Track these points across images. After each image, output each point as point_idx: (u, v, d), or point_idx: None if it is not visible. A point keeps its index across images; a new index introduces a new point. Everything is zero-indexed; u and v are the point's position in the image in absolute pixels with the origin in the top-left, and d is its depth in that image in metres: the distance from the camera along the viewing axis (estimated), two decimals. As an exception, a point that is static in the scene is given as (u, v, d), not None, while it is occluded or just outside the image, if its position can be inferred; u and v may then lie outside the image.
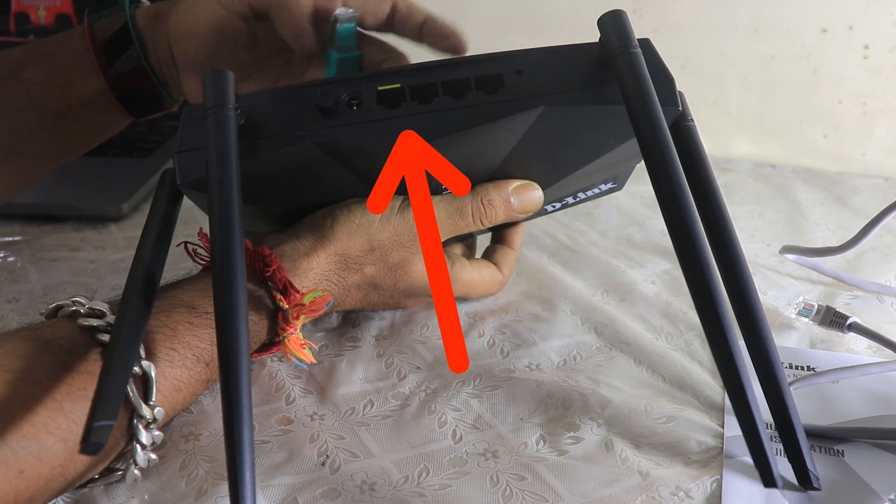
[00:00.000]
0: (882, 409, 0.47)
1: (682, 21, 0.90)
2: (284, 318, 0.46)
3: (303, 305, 0.46)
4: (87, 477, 0.39)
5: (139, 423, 0.39)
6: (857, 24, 0.85)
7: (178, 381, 0.41)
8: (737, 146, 0.92)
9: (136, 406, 0.39)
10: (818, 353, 0.53)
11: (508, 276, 0.59)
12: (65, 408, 0.36)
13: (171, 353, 0.41)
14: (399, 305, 0.56)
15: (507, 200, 0.52)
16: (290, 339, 0.47)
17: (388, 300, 0.54)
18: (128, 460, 0.39)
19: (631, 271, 0.63)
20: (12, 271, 0.62)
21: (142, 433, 0.39)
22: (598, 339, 0.54)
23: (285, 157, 0.44)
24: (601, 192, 0.57)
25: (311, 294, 0.47)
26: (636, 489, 0.41)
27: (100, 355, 0.38)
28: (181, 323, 0.42)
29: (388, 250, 0.50)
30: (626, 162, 0.53)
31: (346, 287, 0.50)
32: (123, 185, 0.75)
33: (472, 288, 0.57)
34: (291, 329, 0.46)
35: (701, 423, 0.46)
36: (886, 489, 0.41)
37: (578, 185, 0.55)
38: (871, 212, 0.62)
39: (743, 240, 0.69)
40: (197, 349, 0.42)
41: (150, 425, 0.39)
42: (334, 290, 0.50)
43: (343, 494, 0.40)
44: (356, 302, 0.52)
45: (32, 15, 0.97)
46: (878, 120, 0.88)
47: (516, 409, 0.47)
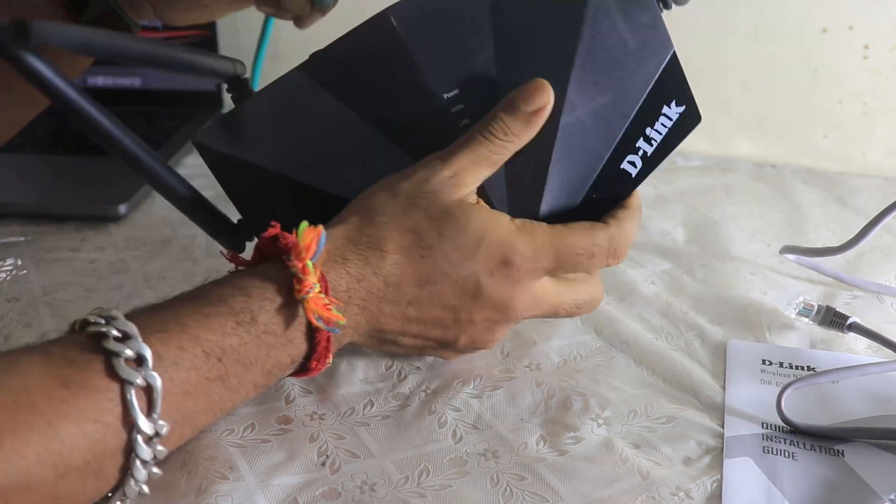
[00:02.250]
0: (882, 409, 0.47)
1: (683, 20, 0.90)
2: (296, 279, 0.40)
3: (298, 249, 0.40)
4: (79, 497, 0.36)
5: (139, 437, 0.36)
6: (857, 25, 0.85)
7: (187, 385, 0.38)
8: (737, 146, 0.92)
9: (136, 418, 0.35)
10: (818, 354, 0.53)
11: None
12: (60, 433, 0.34)
13: (179, 353, 0.37)
14: (457, 343, 0.46)
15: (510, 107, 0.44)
16: (309, 300, 0.40)
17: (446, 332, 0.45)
18: (127, 479, 0.37)
19: (631, 271, 0.63)
20: (12, 272, 0.62)
21: (141, 448, 0.36)
22: (598, 339, 0.54)
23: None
24: (676, 124, 0.49)
25: (302, 229, 0.40)
26: (636, 489, 0.41)
27: (102, 364, 0.35)
28: (192, 315, 0.39)
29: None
30: (651, 58, 0.48)
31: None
32: (123, 185, 0.74)
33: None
34: (307, 287, 0.40)
35: (701, 423, 0.46)
36: (886, 489, 0.41)
37: (622, 111, 0.48)
38: (871, 212, 0.62)
39: (743, 240, 0.70)
40: (207, 343, 0.38)
41: (153, 440, 0.36)
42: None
43: (343, 494, 0.40)
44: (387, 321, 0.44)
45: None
46: (878, 120, 0.88)
47: (516, 409, 0.47)
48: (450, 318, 0.44)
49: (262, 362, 0.40)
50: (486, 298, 0.44)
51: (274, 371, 0.41)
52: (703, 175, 0.84)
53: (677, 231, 0.71)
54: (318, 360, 0.42)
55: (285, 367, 0.42)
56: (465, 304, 0.44)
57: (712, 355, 0.53)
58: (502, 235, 0.44)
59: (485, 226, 0.43)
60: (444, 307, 0.44)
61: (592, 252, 0.46)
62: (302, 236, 0.40)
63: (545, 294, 0.46)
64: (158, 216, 0.72)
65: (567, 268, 0.46)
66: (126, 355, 0.35)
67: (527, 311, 0.46)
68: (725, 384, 0.50)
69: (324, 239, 0.41)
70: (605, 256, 0.46)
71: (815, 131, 0.90)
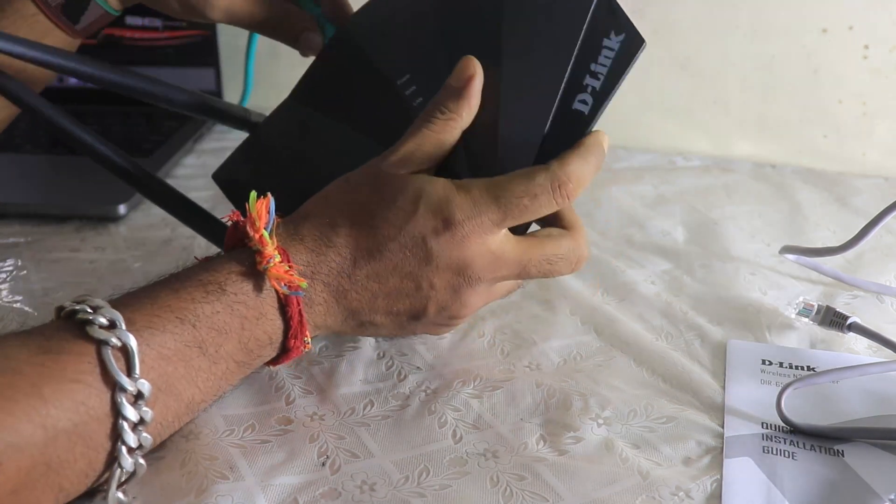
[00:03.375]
0: (882, 409, 0.47)
1: (683, 21, 0.90)
2: (258, 253, 0.42)
3: (254, 222, 0.42)
4: (72, 466, 0.36)
5: (123, 398, 0.37)
6: (857, 25, 0.85)
7: (163, 348, 0.39)
8: (737, 146, 0.92)
9: (117, 377, 0.36)
10: (818, 353, 0.53)
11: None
12: (45, 393, 0.35)
13: (152, 319, 0.39)
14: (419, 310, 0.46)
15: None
16: (271, 269, 0.42)
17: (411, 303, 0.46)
18: (118, 448, 0.37)
19: (631, 271, 0.63)
20: (12, 272, 0.62)
21: (126, 408, 0.37)
22: (598, 339, 0.54)
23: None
24: (620, 52, 0.47)
25: (252, 200, 0.43)
26: (636, 489, 0.41)
27: (77, 332, 0.37)
28: (164, 290, 0.41)
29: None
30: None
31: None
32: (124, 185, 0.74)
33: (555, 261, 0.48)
34: (268, 256, 0.42)
35: (701, 423, 0.46)
36: (886, 489, 0.41)
37: (560, 57, 0.47)
38: (871, 212, 0.62)
39: (743, 240, 0.70)
40: (179, 311, 0.40)
41: (138, 402, 0.37)
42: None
43: (343, 494, 0.40)
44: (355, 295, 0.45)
45: None
46: (878, 120, 0.88)
47: (516, 409, 0.47)
48: (411, 286, 0.45)
49: (238, 333, 0.41)
50: (437, 259, 0.44)
51: (252, 347, 0.42)
52: (703, 175, 0.84)
53: (677, 231, 0.71)
54: (294, 338, 0.43)
55: (263, 345, 0.43)
56: (421, 269, 0.45)
57: (712, 355, 0.53)
58: (438, 193, 0.44)
59: (421, 187, 0.44)
60: (402, 275, 0.45)
61: (535, 193, 0.44)
62: (252, 206, 0.42)
63: (504, 250, 0.45)
64: (158, 216, 0.72)
65: (514, 214, 0.44)
66: (99, 322, 0.37)
67: (490, 269, 0.45)
68: (725, 384, 0.50)
69: (273, 206, 0.43)
70: (549, 195, 0.45)
71: (816, 131, 0.90)
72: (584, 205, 0.74)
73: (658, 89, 0.92)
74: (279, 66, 0.59)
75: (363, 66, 0.52)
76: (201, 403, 0.42)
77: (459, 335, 0.54)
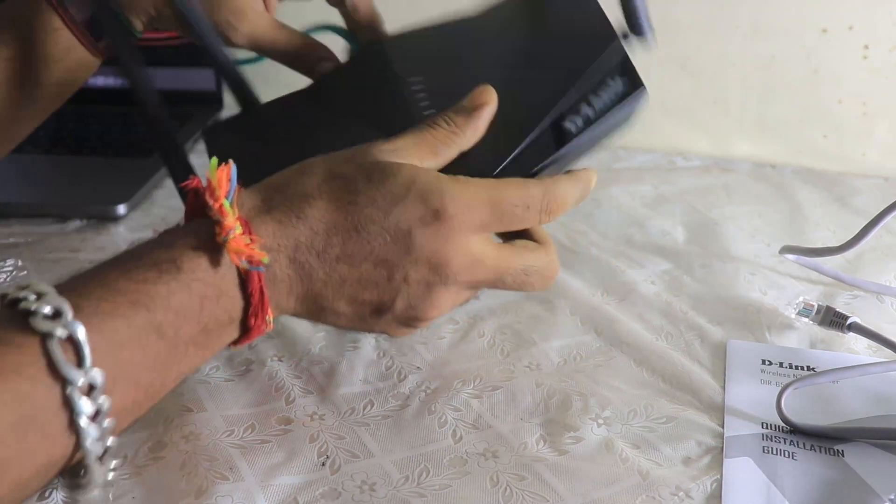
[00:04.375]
0: (882, 409, 0.47)
1: (683, 21, 0.90)
2: (217, 223, 0.39)
3: (212, 190, 0.39)
4: (30, 459, 0.34)
5: (75, 391, 0.34)
6: (857, 25, 0.85)
7: (116, 334, 0.36)
8: (737, 146, 0.92)
9: (64, 371, 0.33)
10: (818, 354, 0.53)
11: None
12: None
13: (101, 304, 0.36)
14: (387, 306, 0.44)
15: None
16: (231, 241, 0.39)
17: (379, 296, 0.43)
18: (83, 438, 0.35)
19: (631, 271, 0.63)
20: (12, 272, 0.62)
21: (80, 400, 0.34)
22: (598, 339, 0.54)
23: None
24: (619, 94, 0.48)
25: (212, 167, 0.40)
26: (636, 489, 0.41)
27: (20, 324, 0.34)
28: (114, 271, 0.38)
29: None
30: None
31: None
32: (124, 185, 0.75)
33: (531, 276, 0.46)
34: (227, 228, 0.39)
35: (701, 423, 0.46)
36: (886, 489, 0.41)
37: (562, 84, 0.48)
38: (871, 212, 0.62)
39: (743, 240, 0.70)
40: (131, 293, 0.37)
41: (93, 392, 0.34)
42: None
43: (343, 494, 0.40)
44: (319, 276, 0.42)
45: None
46: (878, 120, 0.88)
47: (516, 409, 0.47)
48: (383, 276, 0.42)
49: (197, 314, 0.39)
50: (418, 251, 0.42)
51: (212, 327, 0.40)
52: (703, 175, 0.84)
53: (677, 231, 0.71)
54: (255, 316, 0.40)
55: (224, 325, 0.40)
56: (398, 258, 0.42)
57: (712, 355, 0.53)
58: (433, 183, 0.42)
59: (415, 173, 0.42)
60: (376, 262, 0.42)
61: (528, 204, 0.44)
62: (213, 173, 0.40)
63: (485, 254, 0.44)
64: (158, 216, 0.72)
65: (504, 220, 0.44)
66: (43, 312, 0.34)
67: (466, 271, 0.43)
68: (725, 384, 0.50)
69: (234, 173, 0.40)
70: (538, 210, 0.44)
71: (815, 131, 0.90)
72: (585, 205, 0.74)
73: (658, 89, 0.91)
74: (278, 66, 0.59)
75: (383, 74, 0.53)
76: (162, 388, 0.40)
77: (459, 335, 0.54)
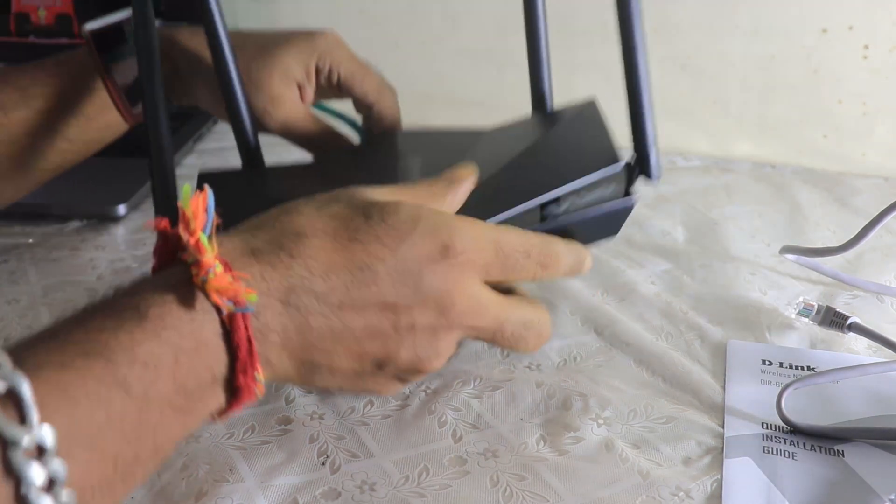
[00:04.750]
0: (882, 409, 0.47)
1: (683, 21, 0.90)
2: (194, 264, 0.33)
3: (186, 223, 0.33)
4: None
5: (18, 453, 0.27)
6: (857, 25, 0.85)
7: (69, 387, 0.29)
8: (737, 146, 0.92)
9: (2, 428, 0.27)
10: (818, 354, 0.53)
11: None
12: None
13: (48, 355, 0.30)
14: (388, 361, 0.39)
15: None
16: (212, 280, 0.33)
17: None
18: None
19: (631, 271, 0.63)
20: (12, 272, 0.62)
21: (27, 465, 0.27)
22: (598, 339, 0.54)
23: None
24: (607, 200, 0.50)
25: (185, 195, 0.34)
26: (636, 489, 0.41)
27: None
28: (69, 323, 0.32)
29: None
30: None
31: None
32: (124, 185, 0.75)
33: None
34: (206, 267, 0.33)
35: (701, 423, 0.46)
36: (886, 489, 0.41)
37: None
38: (871, 212, 0.62)
39: (743, 240, 0.70)
40: (88, 343, 0.31)
41: (44, 455, 0.28)
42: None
43: (343, 494, 0.40)
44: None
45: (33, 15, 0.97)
46: (878, 120, 0.88)
47: (516, 409, 0.47)
48: (389, 323, 0.38)
49: (171, 368, 0.32)
50: (426, 291, 0.38)
51: (192, 387, 0.33)
52: (703, 175, 0.84)
53: (677, 231, 0.71)
54: (243, 373, 0.34)
55: (206, 385, 0.34)
56: (406, 300, 0.38)
57: (712, 355, 0.53)
58: (440, 218, 0.39)
59: (418, 209, 0.39)
60: (383, 306, 0.37)
61: (528, 251, 0.41)
62: (186, 203, 0.33)
63: (490, 300, 0.40)
64: (158, 216, 0.72)
65: (506, 265, 0.41)
66: None
67: (470, 315, 0.39)
68: (725, 384, 0.50)
69: (212, 203, 0.34)
70: (536, 262, 0.42)
71: (815, 131, 0.90)
72: (584, 205, 0.74)
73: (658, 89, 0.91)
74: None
75: (385, 153, 0.56)
76: (136, 463, 0.32)
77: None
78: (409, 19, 0.93)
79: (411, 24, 0.93)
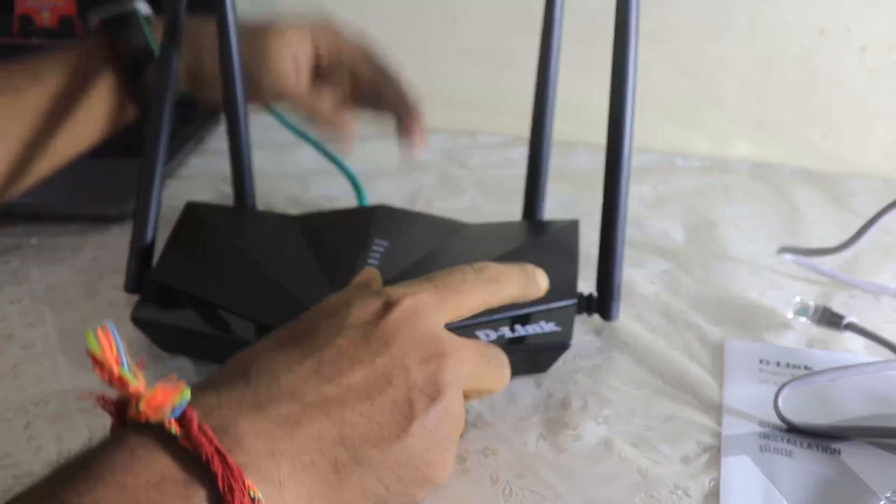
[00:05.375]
0: (879, 407, 0.47)
1: (682, 22, 0.90)
2: (128, 404, 0.31)
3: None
4: None
5: None
6: (855, 26, 0.85)
7: None
8: (735, 147, 0.92)
9: None
10: (815, 353, 0.53)
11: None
12: None
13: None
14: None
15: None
16: (147, 401, 0.30)
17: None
18: None
19: (630, 271, 0.63)
20: (15, 272, 0.62)
21: None
22: (597, 339, 0.55)
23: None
24: (542, 339, 0.49)
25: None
26: (635, 487, 0.41)
27: None
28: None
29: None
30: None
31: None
32: (126, 185, 0.74)
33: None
34: (136, 393, 0.31)
35: (699, 422, 0.46)
36: (883, 487, 0.41)
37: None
38: (869, 212, 0.62)
39: (741, 240, 0.70)
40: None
41: None
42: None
43: (345, 492, 0.40)
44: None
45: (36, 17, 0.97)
46: (877, 121, 0.88)
47: (516, 408, 0.47)
48: (384, 381, 0.35)
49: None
50: (398, 339, 0.36)
51: None
52: (702, 175, 0.84)
53: (676, 231, 0.72)
54: (230, 493, 0.29)
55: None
56: (381, 351, 0.36)
57: (711, 355, 0.53)
58: (363, 280, 0.42)
59: (346, 288, 0.41)
60: (367, 370, 0.35)
61: (461, 270, 0.42)
62: (93, 345, 0.31)
63: (455, 337, 0.39)
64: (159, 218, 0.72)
65: (450, 292, 0.40)
66: None
67: (458, 344, 0.38)
68: (723, 383, 0.50)
69: (115, 331, 0.32)
70: (475, 274, 0.42)
71: (814, 132, 0.90)
72: (584, 205, 0.74)
73: (657, 90, 0.92)
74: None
75: (360, 227, 0.55)
76: None
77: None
78: (409, 19, 0.94)
79: (411, 24, 0.94)
